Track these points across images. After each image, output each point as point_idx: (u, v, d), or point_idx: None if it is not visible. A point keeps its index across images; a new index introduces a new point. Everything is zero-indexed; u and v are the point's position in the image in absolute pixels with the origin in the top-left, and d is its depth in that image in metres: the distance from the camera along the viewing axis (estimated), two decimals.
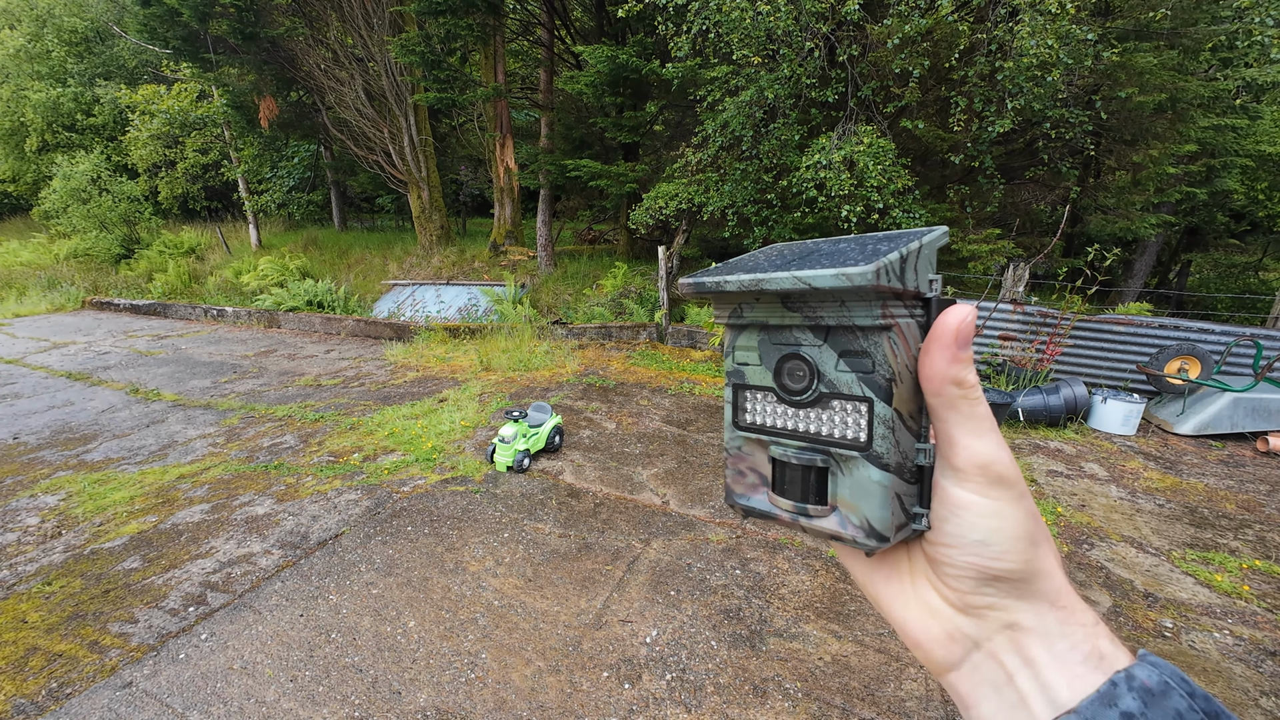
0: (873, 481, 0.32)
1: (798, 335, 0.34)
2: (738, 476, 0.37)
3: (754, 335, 0.36)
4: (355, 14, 10.10)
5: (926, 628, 0.32)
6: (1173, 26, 6.16)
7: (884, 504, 0.31)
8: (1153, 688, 0.25)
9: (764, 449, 0.36)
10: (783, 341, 0.35)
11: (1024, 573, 0.29)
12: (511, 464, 4.03)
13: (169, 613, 2.66)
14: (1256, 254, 11.18)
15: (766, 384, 0.35)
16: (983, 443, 0.30)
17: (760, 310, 0.35)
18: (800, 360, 0.34)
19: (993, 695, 0.29)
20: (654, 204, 7.51)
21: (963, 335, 0.30)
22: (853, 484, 0.32)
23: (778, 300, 0.34)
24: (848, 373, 0.32)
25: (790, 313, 0.34)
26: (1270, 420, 4.80)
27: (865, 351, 0.32)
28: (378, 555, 3.10)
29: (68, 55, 17.04)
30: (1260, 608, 2.90)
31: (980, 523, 0.30)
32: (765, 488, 0.36)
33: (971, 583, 0.30)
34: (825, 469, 0.33)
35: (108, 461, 4.46)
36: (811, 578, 3.02)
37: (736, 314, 0.36)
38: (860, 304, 0.31)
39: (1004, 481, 0.30)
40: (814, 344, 0.33)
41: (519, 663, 2.43)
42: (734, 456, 0.37)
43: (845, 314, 0.32)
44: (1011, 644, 0.30)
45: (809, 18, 5.66)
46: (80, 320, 10.23)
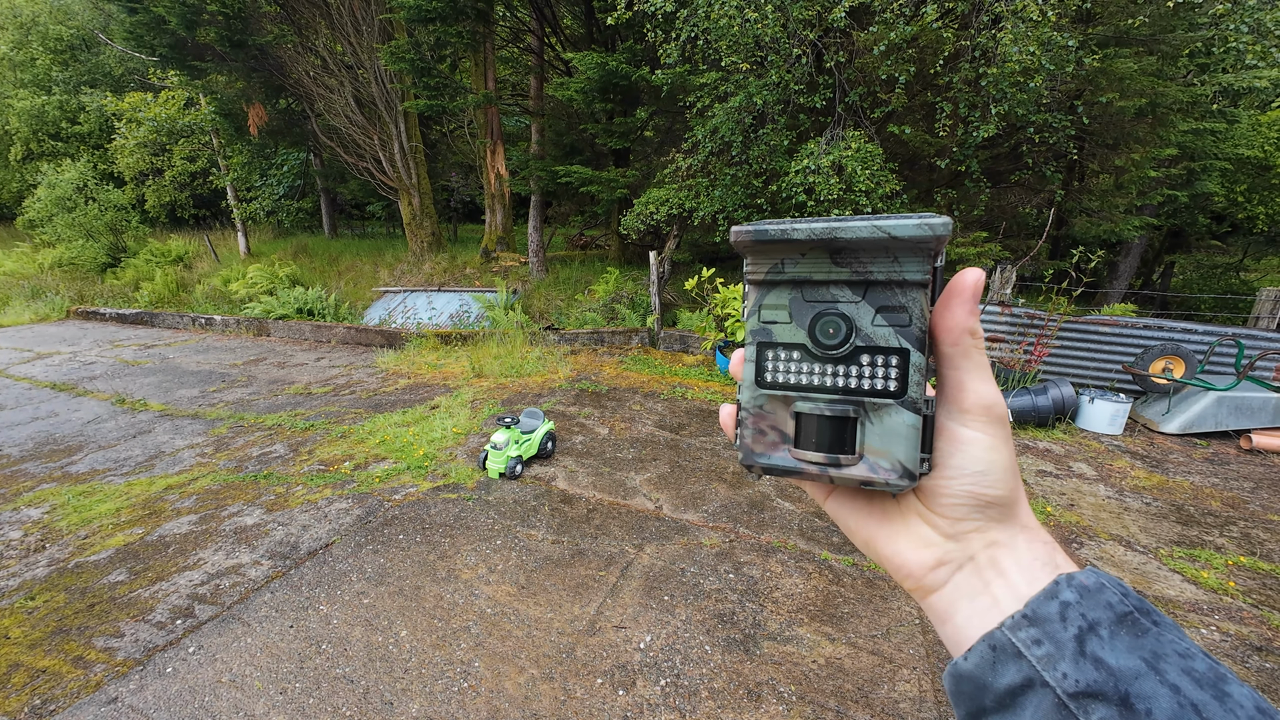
0: (906, 425, 0.34)
1: (835, 292, 0.35)
2: (758, 435, 0.37)
3: (785, 294, 0.36)
4: (344, 21, 10.09)
5: (920, 558, 0.36)
6: (1151, 33, 6.29)
7: (915, 445, 0.34)
8: (1089, 585, 0.30)
9: (786, 407, 0.36)
10: (818, 299, 0.36)
11: (1009, 498, 0.34)
12: (504, 470, 4.02)
13: (156, 626, 2.62)
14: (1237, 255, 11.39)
15: (796, 341, 0.36)
16: (988, 386, 0.35)
17: (805, 265, 0.35)
18: (836, 316, 0.35)
19: (967, 604, 0.34)
20: (645, 209, 7.54)
21: (978, 291, 0.34)
22: (883, 430, 0.34)
23: (826, 255, 0.35)
24: (884, 326, 0.34)
25: (837, 268, 0.35)
26: (1253, 418, 4.88)
27: (903, 306, 0.34)
28: (369, 564, 3.07)
29: (53, 63, 16.89)
30: (1246, 603, 2.94)
31: (982, 455, 0.34)
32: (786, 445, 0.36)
33: (965, 509, 0.35)
34: (855, 419, 0.35)
35: (93, 473, 4.39)
36: (805, 580, 3.03)
37: (776, 269, 0.36)
38: (914, 259, 0.33)
39: (1001, 420, 0.35)
40: (851, 300, 0.35)
41: (512, 671, 2.41)
42: (754, 415, 0.37)
43: (896, 269, 0.33)
44: (989, 560, 0.34)
45: (796, 25, 5.72)
46: (65, 330, 10.09)
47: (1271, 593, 3.03)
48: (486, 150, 10.90)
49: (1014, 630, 0.30)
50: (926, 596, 0.37)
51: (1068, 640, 0.29)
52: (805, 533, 3.46)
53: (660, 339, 7.64)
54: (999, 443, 0.35)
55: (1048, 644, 0.29)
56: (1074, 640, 0.28)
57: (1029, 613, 0.30)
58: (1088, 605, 0.29)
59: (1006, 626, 0.31)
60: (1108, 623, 0.29)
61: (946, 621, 0.35)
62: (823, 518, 3.63)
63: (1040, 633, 0.29)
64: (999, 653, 0.30)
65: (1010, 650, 0.30)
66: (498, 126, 10.71)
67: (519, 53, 13.44)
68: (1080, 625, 0.29)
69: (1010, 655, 0.30)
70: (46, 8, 16.92)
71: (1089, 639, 0.28)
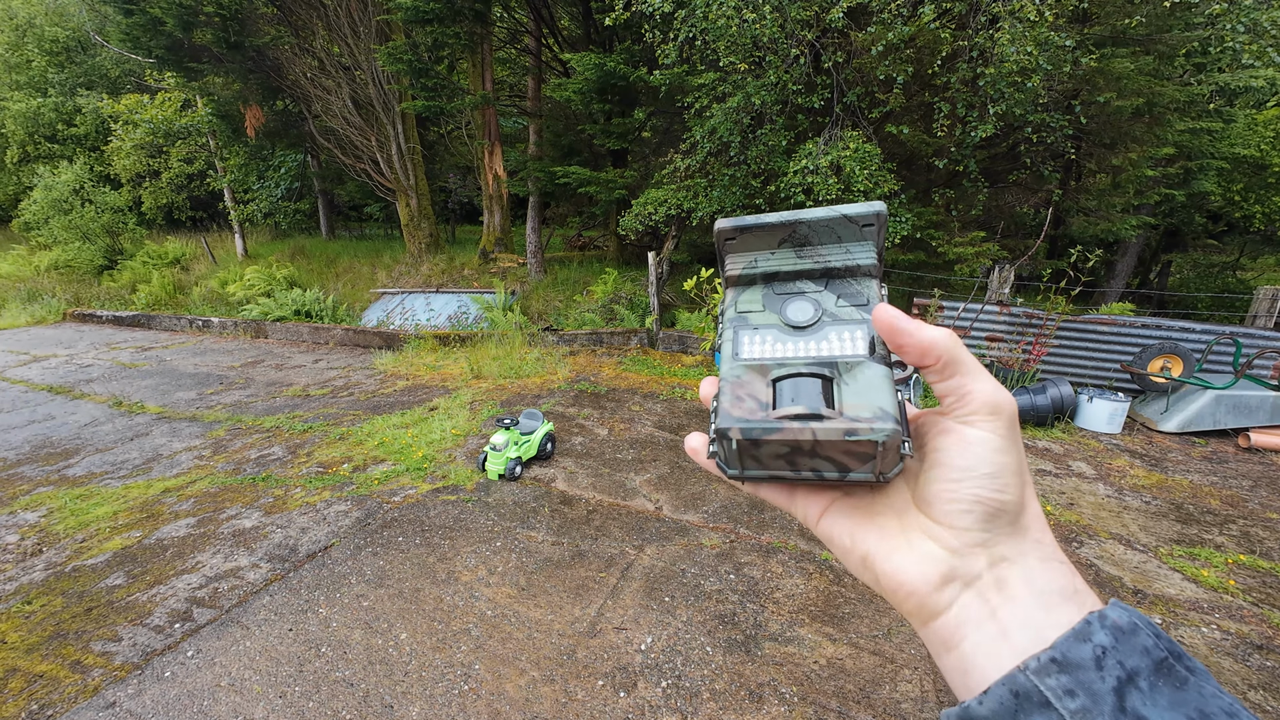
0: (879, 377, 0.35)
1: (801, 285, 0.39)
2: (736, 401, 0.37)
3: (758, 290, 0.41)
4: (342, 23, 10.08)
5: (924, 574, 0.33)
6: (1148, 33, 6.30)
7: (891, 393, 0.34)
8: (1123, 626, 0.27)
9: (763, 377, 0.37)
10: (787, 291, 0.40)
11: (1019, 504, 0.32)
12: (503, 472, 4.01)
13: (154, 630, 2.61)
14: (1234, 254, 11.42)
15: (770, 323, 0.39)
16: (990, 383, 0.33)
17: (775, 260, 0.40)
18: (804, 300, 0.39)
19: (974, 631, 0.31)
20: (643, 210, 7.54)
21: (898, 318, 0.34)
22: (859, 386, 0.35)
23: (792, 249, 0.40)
24: (846, 306, 0.38)
25: (801, 260, 0.39)
26: (1251, 417, 4.89)
27: (859, 292, 0.38)
28: (368, 567, 3.06)
29: (48, 65, 16.84)
30: (1246, 602, 2.94)
31: (991, 456, 0.32)
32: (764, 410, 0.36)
33: (971, 517, 0.32)
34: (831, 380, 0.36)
35: (90, 476, 4.37)
36: (805, 581, 3.03)
37: (751, 265, 0.41)
38: (859, 244, 0.38)
39: (1011, 419, 0.33)
40: (815, 290, 0.39)
41: (513, 673, 2.40)
42: (733, 384, 0.37)
43: (849, 256, 0.38)
44: (996, 580, 0.31)
45: (794, 25, 5.73)
46: (61, 333, 10.05)
47: (1271, 591, 3.03)
48: (484, 151, 10.89)
49: (1041, 676, 0.27)
50: (929, 621, 0.33)
51: (1105, 693, 0.25)
52: (806, 533, 3.45)
53: (659, 339, 7.63)
54: (1008, 444, 0.32)
55: (1083, 696, 0.26)
56: (1113, 694, 0.25)
57: (1058, 656, 0.27)
58: (1124, 651, 0.26)
59: (1031, 670, 0.27)
60: (1146, 672, 0.26)
61: (950, 650, 0.32)
62: None
63: (1073, 682, 0.26)
64: (1023, 700, 0.27)
65: (1037, 699, 0.26)
66: (495, 127, 10.70)
67: (517, 54, 13.44)
68: (1119, 675, 0.26)
69: (1036, 705, 0.26)
70: (42, 9, 16.87)
71: (1129, 692, 0.25)
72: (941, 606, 0.32)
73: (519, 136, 13.56)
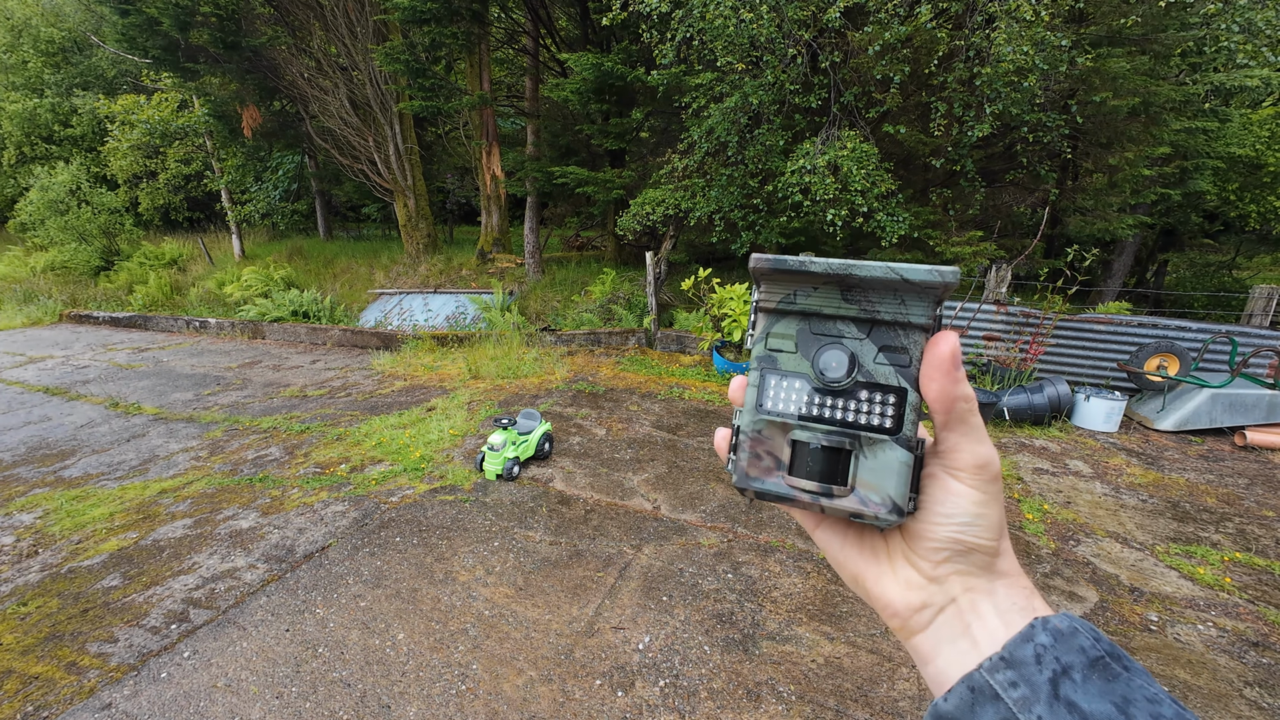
0: (899, 462, 0.35)
1: (841, 328, 0.36)
2: (754, 460, 0.37)
3: (793, 324, 0.37)
4: (339, 23, 10.07)
5: (906, 599, 0.37)
6: (1144, 32, 6.33)
7: (905, 482, 0.35)
8: (1062, 629, 0.31)
9: (783, 434, 0.37)
10: (825, 332, 0.37)
11: (993, 549, 0.36)
12: (501, 472, 4.00)
13: (150, 631, 2.60)
14: (1230, 253, 11.45)
15: (800, 370, 0.37)
16: (983, 447, 0.36)
17: (816, 299, 0.36)
18: (840, 350, 0.36)
19: (949, 647, 0.35)
20: (641, 210, 7.54)
21: (956, 358, 0.35)
22: (876, 465, 0.35)
23: (838, 291, 0.36)
24: (885, 365, 0.35)
25: (847, 304, 0.36)
26: (1247, 415, 4.91)
27: (904, 348, 0.35)
28: (365, 567, 3.05)
29: (44, 65, 16.79)
30: (1242, 599, 2.95)
31: (971, 508, 0.35)
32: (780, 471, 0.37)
33: (947, 553, 0.36)
34: (850, 452, 0.35)
35: (86, 477, 4.36)
36: (803, 580, 3.03)
37: (788, 300, 0.37)
38: (920, 302, 0.34)
39: (995, 478, 0.36)
40: (856, 337, 0.36)
41: (510, 673, 2.40)
42: (752, 440, 0.37)
43: (902, 310, 0.35)
44: (969, 604, 0.35)
45: (791, 25, 5.73)
46: (58, 334, 10.01)
47: (1267, 588, 3.04)
48: (482, 152, 10.88)
49: (992, 672, 0.31)
50: (911, 637, 0.38)
51: (1042, 683, 0.30)
52: (803, 533, 3.44)
53: (657, 339, 7.63)
54: (990, 499, 0.36)
55: (1024, 687, 0.30)
56: (1048, 683, 0.29)
57: (1006, 655, 0.31)
58: (1061, 649, 0.30)
59: (985, 669, 0.32)
60: (1080, 667, 0.29)
61: (929, 663, 0.36)
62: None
63: (1016, 675, 0.30)
64: (978, 694, 0.31)
65: (988, 692, 0.31)
66: (493, 128, 10.69)
67: (515, 54, 13.44)
68: (1054, 669, 0.30)
69: (988, 697, 0.31)
70: (38, 10, 16.82)
71: (1063, 682, 0.29)
72: (921, 626, 0.37)
73: (517, 137, 13.55)
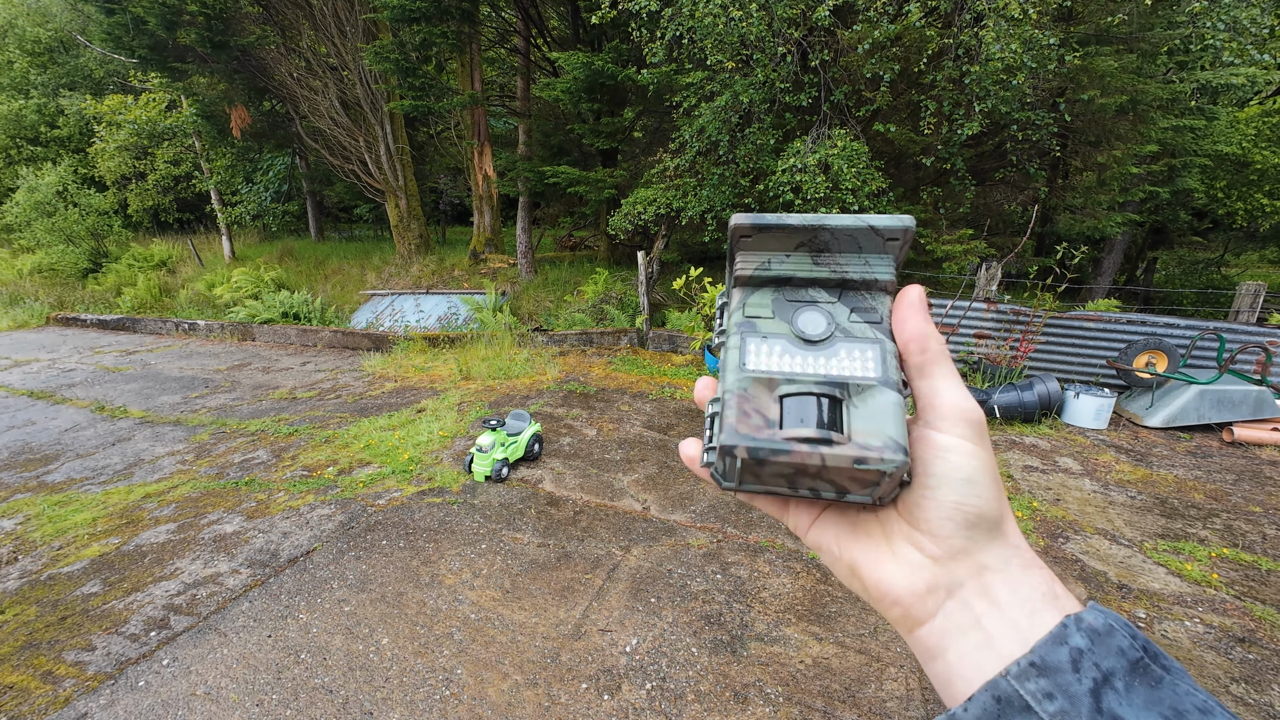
0: (891, 404, 0.34)
1: (814, 294, 0.38)
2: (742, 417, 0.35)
3: (768, 294, 0.39)
4: (328, 22, 10.00)
5: (909, 583, 0.34)
6: (1131, 31, 6.35)
7: (901, 422, 0.33)
8: (1099, 628, 0.28)
9: (769, 391, 0.36)
10: (799, 299, 0.38)
11: (998, 511, 0.32)
12: (490, 473, 3.97)
13: (129, 638, 2.56)
14: (1218, 250, 11.55)
15: (780, 331, 0.37)
16: (961, 392, 0.34)
17: (789, 264, 0.38)
18: (817, 312, 0.37)
19: (960, 639, 0.32)
20: (633, 209, 7.52)
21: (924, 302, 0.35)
22: (868, 411, 0.34)
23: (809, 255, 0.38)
24: (860, 323, 0.37)
25: (818, 268, 0.37)
26: (1234, 411, 4.93)
27: (874, 308, 0.37)
28: (351, 571, 3.02)
29: (30, 66, 16.61)
30: (1229, 595, 2.96)
31: (965, 462, 0.33)
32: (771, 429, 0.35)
33: (953, 525, 0.32)
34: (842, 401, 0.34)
35: (70, 482, 4.30)
36: (793, 580, 3.01)
37: (764, 267, 0.39)
38: (880, 259, 0.36)
39: (980, 426, 0.33)
40: (829, 300, 0.37)
41: (495, 677, 2.38)
42: (739, 396, 0.36)
43: (867, 269, 0.36)
44: (980, 588, 0.32)
45: (781, 24, 5.73)
46: (44, 337, 9.90)
47: (1254, 584, 3.05)
48: (474, 152, 10.84)
49: (1021, 680, 0.28)
50: (914, 629, 0.34)
51: (1083, 695, 0.26)
52: (793, 532, 3.44)
53: (649, 339, 7.62)
54: (980, 449, 0.33)
55: (1061, 699, 0.26)
56: (1089, 695, 0.26)
57: (1037, 660, 0.28)
58: (1100, 652, 0.27)
59: (1012, 675, 0.28)
60: (1122, 672, 0.26)
61: (936, 658, 0.33)
62: None
63: (1051, 685, 0.27)
64: (1005, 705, 0.28)
65: (1018, 704, 0.27)
66: (485, 128, 10.65)
67: (507, 54, 13.38)
68: (1095, 677, 0.26)
69: (1018, 710, 0.27)
70: (24, 10, 16.64)
71: (1105, 693, 0.26)
72: (926, 614, 0.33)
73: (509, 137, 13.51)
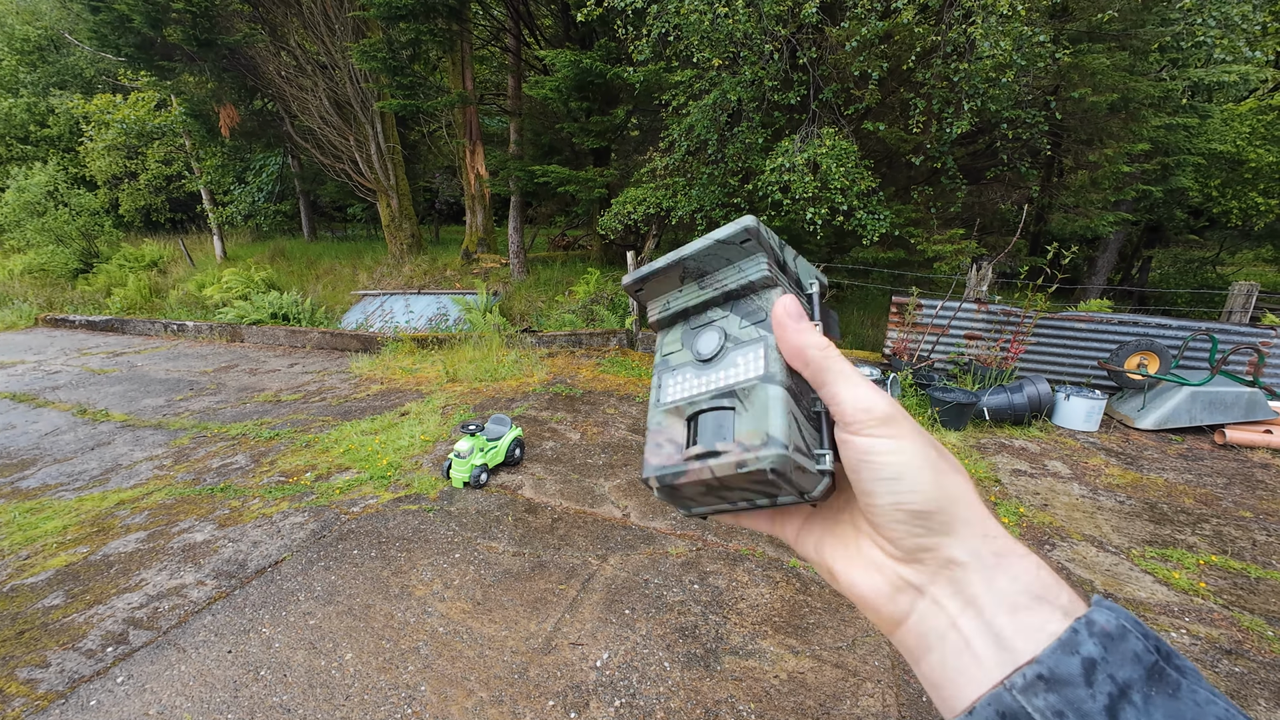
0: (770, 397, 0.34)
1: (710, 314, 0.40)
2: (655, 449, 0.38)
3: (678, 330, 0.41)
4: (317, 20, 9.90)
5: (874, 583, 0.33)
6: (1123, 28, 6.27)
7: (781, 413, 0.33)
8: (1111, 631, 0.25)
9: (679, 417, 0.38)
10: (699, 323, 0.40)
11: (940, 500, 0.30)
12: (468, 479, 3.91)
13: (85, 654, 2.49)
14: (1214, 249, 11.47)
15: (685, 360, 0.40)
16: (858, 389, 0.32)
17: (683, 296, 0.41)
18: (711, 331, 0.39)
19: (938, 643, 0.30)
20: (622, 209, 7.44)
21: (796, 311, 0.34)
22: (753, 412, 0.34)
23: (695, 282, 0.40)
24: (749, 327, 0.38)
25: (703, 290, 0.40)
26: (1227, 413, 4.87)
27: (759, 308, 0.37)
28: (319, 582, 2.95)
29: (19, 64, 16.49)
30: (1216, 604, 2.90)
31: (885, 459, 0.31)
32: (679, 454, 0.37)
33: (898, 523, 0.31)
34: (731, 409, 0.35)
35: (44, 488, 4.23)
36: (771, 590, 2.95)
37: (664, 306, 0.42)
38: (750, 260, 0.38)
39: (891, 420, 0.31)
40: (722, 315, 0.39)
41: (460, 694, 2.31)
42: (654, 433, 0.39)
43: (740, 274, 0.38)
44: (951, 585, 0.30)
45: (769, 21, 5.64)
46: (31, 339, 9.82)
47: (1242, 593, 2.99)
48: (466, 151, 10.75)
49: (1028, 695, 0.25)
50: (893, 631, 0.33)
51: (1097, 713, 0.23)
52: (774, 539, 3.37)
53: (638, 340, 7.55)
54: (900, 443, 0.31)
55: (1073, 718, 0.24)
56: (1104, 713, 0.23)
57: (1045, 672, 0.25)
58: (1115, 661, 0.24)
59: (1018, 689, 0.25)
60: (1139, 683, 0.24)
61: (919, 660, 0.31)
62: None
63: (1062, 701, 0.24)
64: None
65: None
66: (476, 126, 10.56)
67: (499, 52, 13.28)
68: (1110, 691, 0.24)
69: None
70: (13, 8, 16.51)
71: (1123, 709, 0.23)
72: (900, 614, 0.32)
73: (502, 136, 13.41)
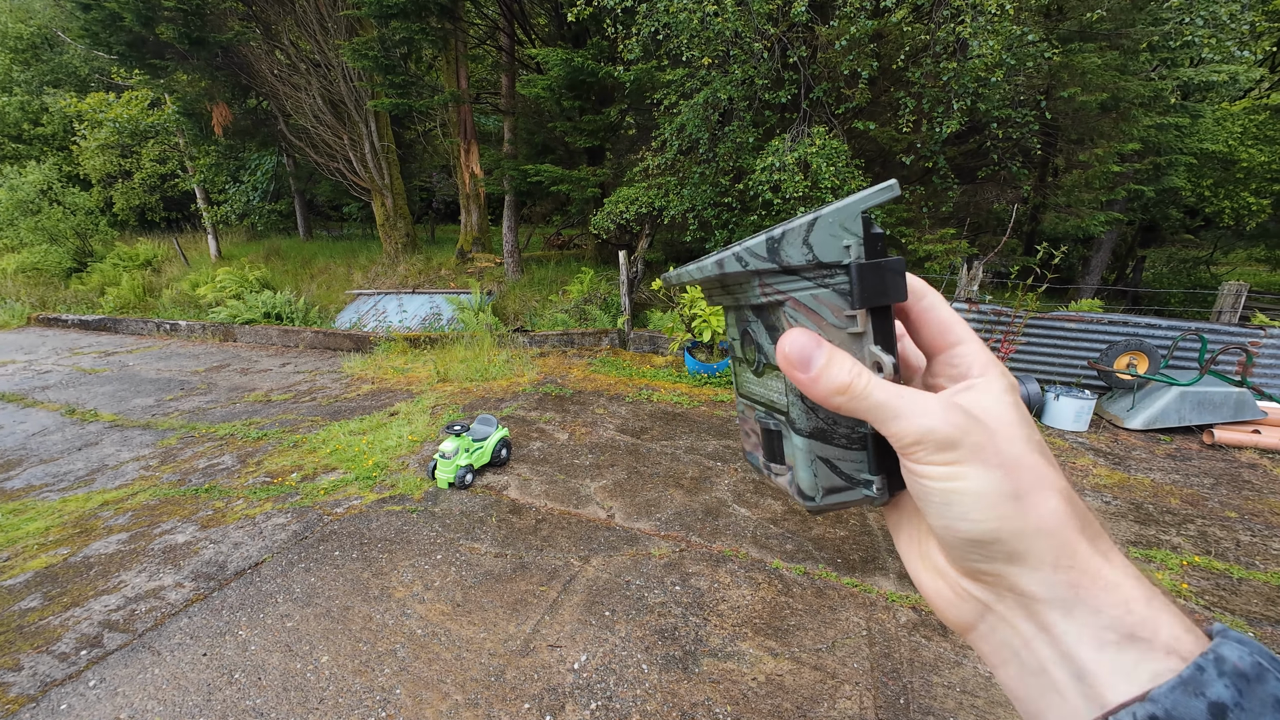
0: (796, 447, 0.34)
1: (746, 314, 0.37)
2: (745, 436, 0.40)
3: (731, 315, 0.40)
4: (309, 18, 9.86)
5: (938, 587, 0.32)
6: (1114, 28, 6.26)
7: (805, 466, 0.33)
8: (1246, 672, 0.21)
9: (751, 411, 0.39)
10: (740, 320, 0.38)
11: (999, 531, 0.27)
12: (453, 480, 3.89)
13: (58, 657, 2.47)
14: (1208, 248, 11.47)
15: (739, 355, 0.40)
16: (907, 422, 0.29)
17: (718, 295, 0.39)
18: (749, 335, 0.37)
19: (1013, 659, 0.28)
20: (615, 208, 7.43)
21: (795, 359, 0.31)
22: (790, 447, 0.35)
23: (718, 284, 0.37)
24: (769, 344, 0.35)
25: (728, 296, 0.38)
26: (1216, 413, 4.87)
27: (776, 325, 0.34)
28: (298, 584, 2.94)
29: (13, 63, 16.43)
30: (1198, 605, 2.89)
31: (937, 486, 0.29)
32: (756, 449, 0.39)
33: (954, 549, 0.29)
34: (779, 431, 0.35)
35: (29, 489, 4.21)
36: (753, 591, 2.94)
37: (709, 298, 0.41)
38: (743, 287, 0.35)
39: (951, 444, 0.28)
40: (754, 321, 0.37)
41: (435, 697, 2.30)
42: (741, 418, 0.41)
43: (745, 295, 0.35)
44: (1023, 609, 0.28)
45: (759, 19, 5.63)
46: (24, 338, 9.79)
47: (1224, 593, 2.99)
48: (460, 150, 10.73)
49: None
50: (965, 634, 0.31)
51: None
52: (759, 540, 3.37)
53: (630, 340, 7.53)
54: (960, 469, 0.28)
55: None
56: None
57: (1161, 714, 0.21)
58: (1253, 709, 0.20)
59: None
60: None
61: (997, 669, 0.30)
62: (778, 524, 3.55)
63: None
64: None
65: None
66: (471, 126, 10.53)
67: (494, 51, 13.25)
68: None
69: None
70: (6, 5, 16.46)
71: None
72: (966, 621, 0.30)
73: (497, 135, 13.38)
